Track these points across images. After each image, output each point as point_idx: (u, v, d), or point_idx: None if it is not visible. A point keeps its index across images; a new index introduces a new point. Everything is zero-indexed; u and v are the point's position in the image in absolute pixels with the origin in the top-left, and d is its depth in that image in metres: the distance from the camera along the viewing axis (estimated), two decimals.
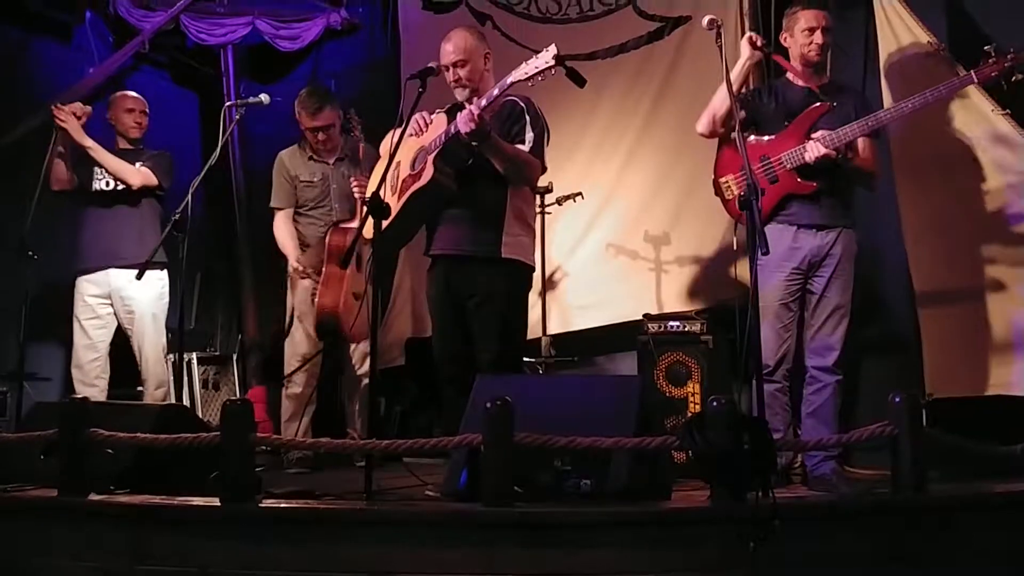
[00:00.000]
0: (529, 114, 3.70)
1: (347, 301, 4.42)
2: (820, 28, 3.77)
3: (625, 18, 5.34)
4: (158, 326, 4.85)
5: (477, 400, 3.06)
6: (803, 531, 2.66)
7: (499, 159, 3.58)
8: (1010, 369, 4.04)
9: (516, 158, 3.63)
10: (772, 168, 3.78)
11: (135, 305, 4.77)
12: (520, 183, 3.71)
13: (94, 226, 4.83)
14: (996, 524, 2.81)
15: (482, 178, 3.67)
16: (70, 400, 3.12)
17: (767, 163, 3.78)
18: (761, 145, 3.83)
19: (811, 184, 3.72)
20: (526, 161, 3.66)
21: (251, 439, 2.93)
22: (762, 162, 3.79)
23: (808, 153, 3.68)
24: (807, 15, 3.79)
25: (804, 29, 3.79)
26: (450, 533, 2.69)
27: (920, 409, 2.87)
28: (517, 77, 3.39)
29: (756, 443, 2.65)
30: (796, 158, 3.72)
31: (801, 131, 3.75)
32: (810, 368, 3.78)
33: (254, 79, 6.25)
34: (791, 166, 3.74)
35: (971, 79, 3.70)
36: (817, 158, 3.66)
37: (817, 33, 3.77)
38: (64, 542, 2.95)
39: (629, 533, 2.66)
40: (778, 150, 3.77)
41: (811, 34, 3.78)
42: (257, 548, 2.77)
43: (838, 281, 3.75)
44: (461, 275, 3.71)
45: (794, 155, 3.73)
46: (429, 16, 5.68)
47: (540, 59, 3.35)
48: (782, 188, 3.76)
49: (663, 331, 4.39)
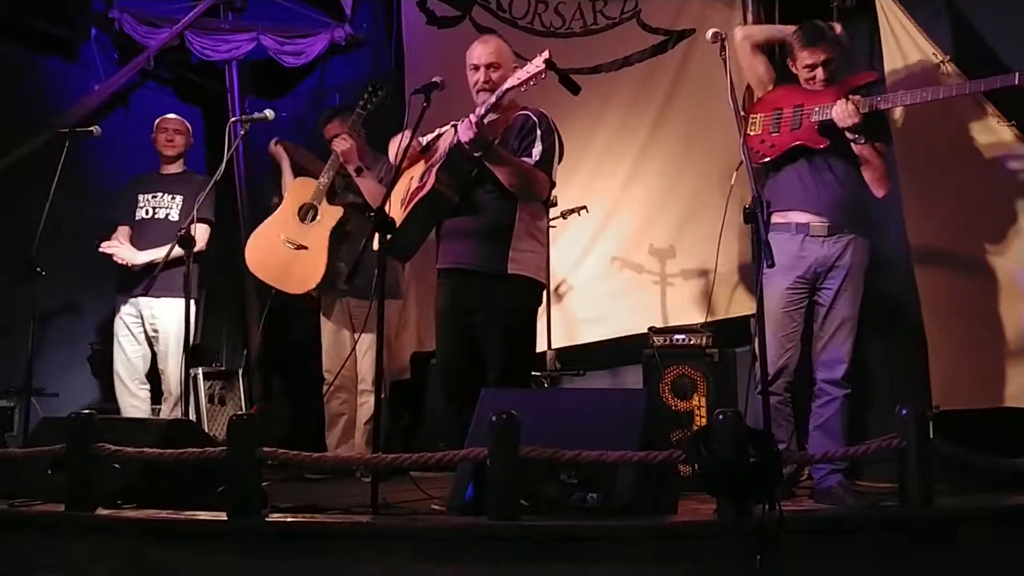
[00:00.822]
0: (541, 128, 3.67)
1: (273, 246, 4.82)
2: (820, 64, 3.80)
3: (629, 32, 5.36)
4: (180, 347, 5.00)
5: (483, 413, 3.06)
6: (809, 545, 2.65)
7: (502, 170, 3.56)
8: (1018, 382, 4.01)
9: (520, 170, 3.60)
10: (800, 115, 3.80)
11: (160, 326, 5.05)
12: (527, 197, 3.67)
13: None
14: (1004, 537, 2.79)
15: (490, 192, 3.64)
16: (77, 415, 3.12)
17: (798, 110, 3.82)
18: (802, 93, 3.86)
19: (823, 140, 3.74)
20: (530, 173, 3.61)
21: (257, 454, 2.93)
22: (794, 109, 3.83)
23: (836, 110, 3.69)
24: (803, 55, 3.84)
25: (804, 66, 3.84)
26: (456, 547, 2.68)
27: (927, 422, 2.86)
28: (510, 84, 3.40)
29: (762, 456, 2.64)
30: (824, 112, 3.75)
31: (842, 91, 3.76)
32: (819, 381, 3.77)
33: (259, 95, 6.29)
34: (816, 119, 3.76)
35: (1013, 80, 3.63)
36: (842, 115, 3.67)
37: (818, 70, 3.81)
38: (71, 556, 2.95)
39: (635, 547, 2.64)
40: (813, 101, 3.80)
41: (812, 70, 3.83)
42: (263, 563, 2.77)
43: (847, 293, 3.74)
44: (467, 290, 3.68)
45: (824, 110, 3.75)
46: (433, 31, 5.71)
47: (532, 65, 3.36)
48: (798, 136, 3.79)
49: (668, 344, 4.38)
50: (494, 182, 3.62)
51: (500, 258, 3.64)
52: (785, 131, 3.80)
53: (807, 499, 3.69)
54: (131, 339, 5.08)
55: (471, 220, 3.66)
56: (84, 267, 5.58)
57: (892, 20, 4.34)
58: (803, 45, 3.84)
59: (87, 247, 5.53)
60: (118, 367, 5.09)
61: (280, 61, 6.12)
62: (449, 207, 3.64)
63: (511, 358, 3.63)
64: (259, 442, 2.94)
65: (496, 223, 3.65)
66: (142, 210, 5.12)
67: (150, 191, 5.16)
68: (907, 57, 4.28)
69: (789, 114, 3.83)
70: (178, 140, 5.18)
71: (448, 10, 5.76)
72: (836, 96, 3.75)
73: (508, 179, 3.57)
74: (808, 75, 3.84)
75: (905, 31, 4.29)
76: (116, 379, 5.10)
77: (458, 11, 5.73)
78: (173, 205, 5.12)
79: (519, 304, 3.70)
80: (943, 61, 4.16)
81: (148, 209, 5.12)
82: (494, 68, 3.70)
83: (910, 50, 4.27)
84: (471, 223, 3.66)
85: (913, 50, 4.26)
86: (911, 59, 4.27)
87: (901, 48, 4.31)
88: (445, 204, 3.63)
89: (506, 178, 3.57)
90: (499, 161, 3.55)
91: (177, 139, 5.18)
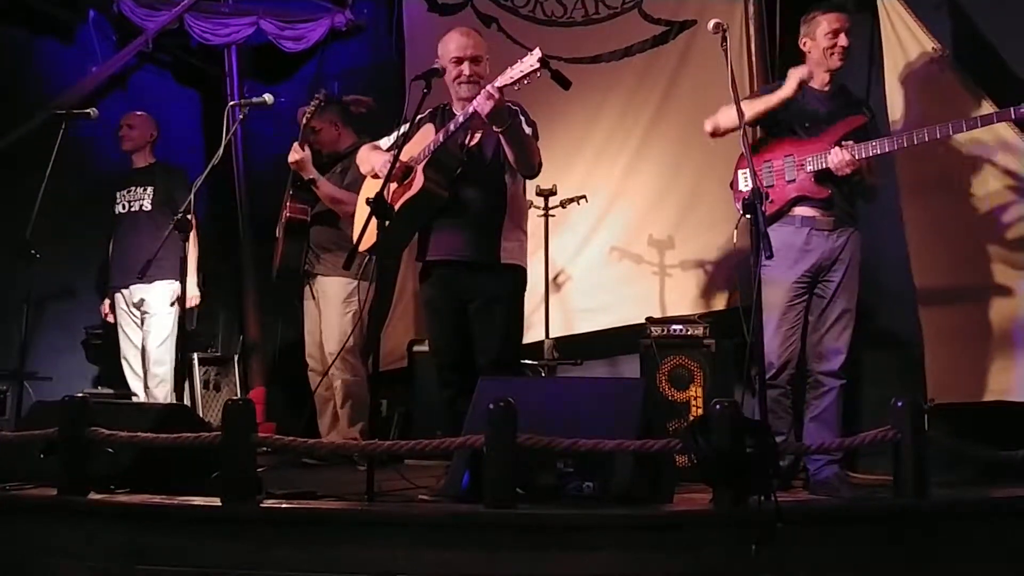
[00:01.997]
0: (524, 115, 3.69)
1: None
2: (844, 30, 3.75)
3: (630, 22, 5.35)
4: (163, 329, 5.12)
5: (480, 401, 3.05)
6: (805, 535, 2.65)
7: (517, 142, 3.53)
8: (1011, 375, 4.02)
9: (531, 143, 3.61)
10: (794, 167, 3.77)
11: (149, 308, 5.15)
12: (529, 172, 3.67)
13: (119, 245, 5.24)
14: (997, 529, 2.80)
15: (478, 185, 3.65)
16: (70, 399, 3.11)
17: (790, 161, 3.77)
18: (790, 143, 3.81)
19: (825, 190, 3.71)
20: (533, 145, 3.63)
21: (252, 439, 2.92)
22: (785, 160, 3.78)
23: (831, 158, 3.66)
24: (828, 18, 3.76)
25: (827, 32, 3.75)
26: (452, 534, 2.68)
27: (923, 414, 2.86)
28: (503, 81, 3.37)
29: (758, 447, 2.64)
30: (819, 162, 3.71)
31: (833, 138, 3.72)
32: (815, 372, 3.77)
33: (258, 79, 6.27)
34: (812, 169, 3.73)
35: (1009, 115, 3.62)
36: (838, 164, 3.65)
37: (841, 36, 3.74)
38: (64, 541, 2.93)
39: (631, 536, 2.65)
40: (804, 152, 3.76)
41: (835, 36, 3.75)
42: (257, 548, 2.76)
43: (846, 286, 3.74)
44: (460, 280, 3.69)
45: (818, 159, 3.71)
46: (434, 18, 5.69)
47: (525, 63, 3.33)
48: (797, 188, 3.75)
49: (666, 335, 4.39)
50: (480, 175, 3.62)
51: (491, 249, 3.66)
52: (780, 184, 3.75)
53: (803, 490, 3.70)
54: (133, 327, 5.21)
55: (460, 213, 3.66)
56: (79, 250, 5.58)
57: (893, 15, 4.33)
58: (827, 9, 3.78)
59: (82, 230, 5.54)
60: (126, 354, 5.24)
61: (280, 46, 6.09)
62: (439, 204, 3.63)
63: (505, 344, 3.66)
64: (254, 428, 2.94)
65: (485, 215, 3.66)
66: (119, 206, 5.28)
67: (123, 187, 5.29)
68: (908, 53, 4.27)
69: (780, 165, 3.78)
70: (132, 135, 5.29)
71: None
72: (826, 144, 3.71)
73: (519, 153, 3.55)
74: (830, 43, 3.74)
75: (906, 26, 4.28)
76: (125, 365, 5.25)
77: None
78: (145, 196, 5.21)
79: (513, 292, 3.73)
80: (943, 55, 4.15)
81: (124, 204, 5.26)
82: (476, 61, 3.70)
83: (911, 46, 4.27)
84: (460, 216, 3.66)
85: (913, 45, 4.25)
86: (912, 55, 4.26)
87: (901, 42, 4.30)
88: (436, 202, 3.62)
89: (518, 152, 3.54)
90: (518, 132, 3.52)
91: (130, 134, 5.29)
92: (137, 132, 5.29)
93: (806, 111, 3.80)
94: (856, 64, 4.63)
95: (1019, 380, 4.01)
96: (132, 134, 5.29)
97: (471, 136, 3.64)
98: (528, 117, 3.69)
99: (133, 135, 5.29)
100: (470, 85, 3.66)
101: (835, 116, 3.77)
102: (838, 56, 3.77)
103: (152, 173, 5.26)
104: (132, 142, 5.29)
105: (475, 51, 3.70)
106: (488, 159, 3.68)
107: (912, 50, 4.25)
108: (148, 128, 5.32)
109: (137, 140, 5.29)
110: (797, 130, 3.80)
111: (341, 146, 5.05)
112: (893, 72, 4.30)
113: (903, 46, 4.29)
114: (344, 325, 4.81)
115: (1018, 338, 4.03)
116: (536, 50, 3.31)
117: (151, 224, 5.05)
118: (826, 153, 3.69)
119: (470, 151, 3.65)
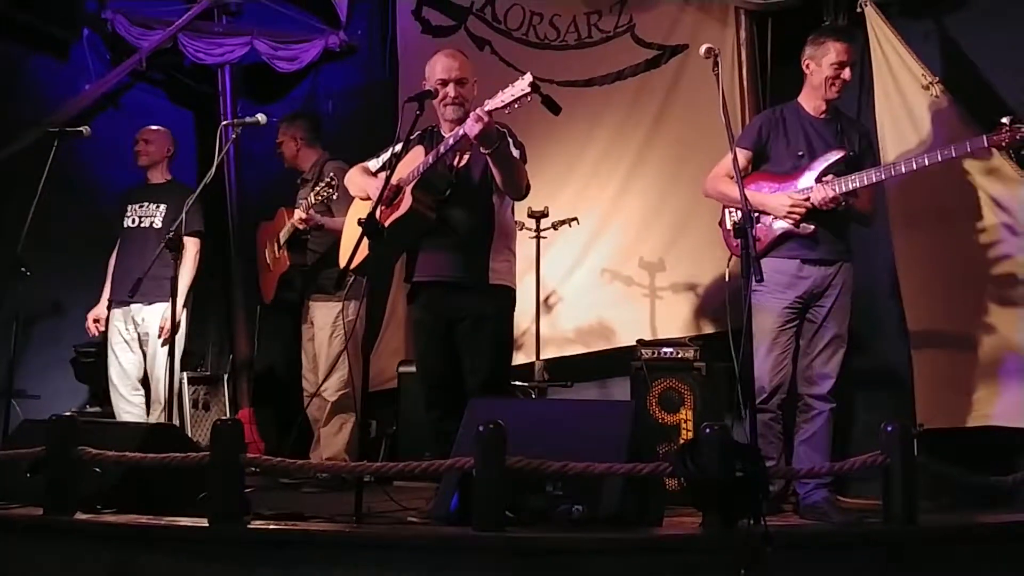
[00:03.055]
0: (511, 137, 3.69)
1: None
2: (850, 64, 3.75)
3: (623, 46, 5.37)
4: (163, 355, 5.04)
5: (470, 423, 3.05)
6: (794, 559, 2.65)
7: (505, 165, 3.53)
8: (1001, 400, 4.03)
9: (519, 166, 3.61)
10: None
11: (150, 331, 5.05)
12: (516, 194, 3.67)
13: (124, 260, 5.10)
14: (986, 555, 2.80)
15: (465, 206, 3.65)
16: (58, 418, 3.09)
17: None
18: (774, 180, 3.82)
19: (809, 227, 3.72)
20: (522, 170, 3.64)
21: (240, 459, 2.91)
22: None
23: (814, 196, 3.68)
24: (838, 48, 3.74)
25: (834, 63, 3.74)
26: (440, 557, 2.67)
27: (912, 439, 2.86)
28: (494, 105, 3.38)
29: (748, 471, 2.64)
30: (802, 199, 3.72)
31: (815, 173, 3.73)
32: (805, 396, 3.77)
33: (251, 99, 6.28)
34: None
35: (982, 143, 3.63)
36: (821, 201, 3.67)
37: (846, 70, 3.75)
38: (49, 561, 2.92)
39: (620, 560, 2.64)
40: (787, 188, 3.77)
41: (840, 68, 3.74)
42: (245, 569, 2.75)
43: (837, 312, 3.75)
44: (448, 301, 3.67)
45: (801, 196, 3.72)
46: (428, 40, 5.72)
47: (516, 87, 3.34)
48: (783, 227, 3.75)
49: (657, 357, 4.39)
50: (468, 197, 3.63)
51: (480, 269, 3.65)
52: (767, 221, 3.76)
53: (792, 514, 3.69)
54: (124, 346, 5.09)
55: (448, 234, 3.66)
56: (69, 268, 5.56)
57: (883, 41, 4.36)
58: (838, 38, 3.76)
59: (73, 247, 5.52)
60: (112, 375, 5.10)
61: (273, 66, 6.10)
62: (427, 226, 3.63)
63: (494, 365, 3.65)
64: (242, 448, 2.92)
65: (473, 236, 3.66)
66: (129, 219, 5.16)
67: (137, 201, 5.20)
68: (897, 79, 4.30)
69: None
70: (148, 150, 5.20)
71: (443, 19, 5.77)
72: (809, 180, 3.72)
73: (507, 175, 3.55)
74: (834, 73, 3.74)
75: (895, 52, 4.31)
76: (111, 387, 5.11)
77: (453, 21, 5.74)
78: (157, 213, 5.14)
79: (501, 312, 3.72)
80: (932, 83, 4.18)
81: (135, 218, 5.16)
82: (462, 83, 3.71)
83: (900, 71, 4.30)
84: (448, 237, 3.66)
85: (903, 71, 4.28)
86: (901, 80, 4.29)
87: (891, 69, 4.33)
88: (423, 223, 3.62)
89: (505, 175, 3.55)
90: (506, 155, 3.53)
91: (147, 149, 5.20)
92: (154, 147, 5.20)
93: (800, 139, 3.82)
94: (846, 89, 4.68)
95: (1007, 406, 4.02)
96: (149, 149, 5.19)
97: (459, 158, 3.65)
98: (516, 139, 3.70)
99: (150, 150, 5.19)
100: (455, 107, 3.67)
101: (826, 145, 3.79)
102: (838, 88, 3.79)
103: (168, 191, 5.14)
104: (148, 157, 5.19)
105: (460, 73, 3.71)
106: (476, 181, 3.68)
107: (902, 76, 4.28)
108: (165, 143, 5.24)
109: (154, 155, 5.19)
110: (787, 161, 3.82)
111: (301, 162, 5.13)
112: (884, 99, 4.33)
113: (893, 73, 4.31)
114: (334, 348, 4.84)
115: (1006, 365, 4.05)
116: (528, 74, 3.32)
117: (158, 243, 4.87)
118: (808, 190, 3.71)
119: (458, 173, 3.65)
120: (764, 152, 3.89)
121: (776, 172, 3.84)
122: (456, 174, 3.64)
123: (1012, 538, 2.86)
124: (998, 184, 4.08)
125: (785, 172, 3.82)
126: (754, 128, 3.95)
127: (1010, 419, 3.98)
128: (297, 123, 5.17)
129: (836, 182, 3.68)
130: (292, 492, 4.56)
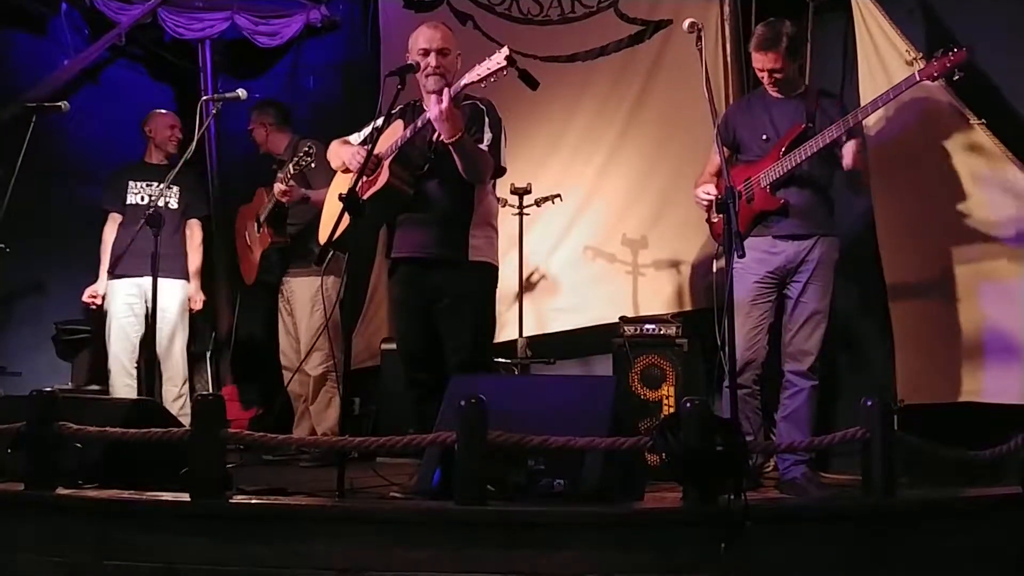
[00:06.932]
0: (489, 116, 3.67)
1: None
2: (767, 71, 3.84)
3: (606, 21, 5.35)
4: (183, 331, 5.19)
5: (451, 399, 3.05)
6: (773, 533, 2.67)
7: (466, 158, 3.52)
8: (980, 376, 4.07)
9: (479, 157, 3.59)
10: (751, 188, 3.84)
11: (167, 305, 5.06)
12: (475, 181, 3.64)
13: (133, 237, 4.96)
14: (964, 529, 2.83)
15: (445, 181, 3.62)
16: (38, 393, 3.08)
17: (748, 184, 3.85)
18: (746, 167, 3.90)
19: (778, 200, 3.78)
20: (484, 160, 3.61)
21: (222, 435, 2.90)
22: (744, 184, 3.84)
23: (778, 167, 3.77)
24: (756, 58, 3.87)
25: (760, 70, 3.88)
26: (422, 531, 2.67)
27: (892, 414, 2.89)
28: (470, 79, 3.37)
29: (728, 445, 2.66)
30: (769, 175, 3.81)
31: (778, 150, 3.81)
32: (786, 372, 3.80)
33: (232, 74, 6.23)
34: (765, 183, 3.80)
35: (914, 79, 3.71)
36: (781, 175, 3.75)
37: (764, 75, 3.86)
38: (30, 537, 2.91)
39: (601, 533, 2.66)
40: (757, 171, 3.84)
41: (760, 73, 3.89)
42: (226, 544, 2.75)
43: (814, 286, 3.78)
44: (427, 278, 3.66)
45: (768, 174, 3.81)
46: (410, 14, 5.67)
47: (492, 61, 3.33)
48: (757, 206, 3.83)
49: (639, 334, 4.41)
50: (447, 172, 3.60)
51: (460, 246, 3.63)
52: (743, 207, 3.81)
53: (772, 489, 3.72)
54: (133, 320, 5.09)
55: (427, 209, 3.64)
56: (50, 245, 5.52)
57: (867, 17, 4.35)
58: (754, 47, 3.87)
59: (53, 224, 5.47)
60: (117, 349, 5.08)
61: (254, 41, 6.05)
62: (404, 201, 3.62)
63: (476, 343, 3.64)
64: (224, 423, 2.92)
65: (453, 212, 3.64)
66: (137, 196, 5.17)
67: (143, 179, 5.20)
68: (881, 55, 4.29)
69: (742, 190, 3.84)
70: (178, 135, 5.28)
71: None
72: (772, 158, 3.82)
73: (467, 165, 3.54)
74: (763, 76, 3.89)
75: (880, 28, 4.30)
76: (114, 361, 5.08)
77: None
78: (171, 194, 5.17)
79: (483, 289, 3.71)
80: (916, 59, 4.18)
81: (143, 196, 5.16)
82: (445, 54, 3.68)
83: (884, 47, 4.28)
84: (427, 212, 3.64)
85: (887, 47, 4.27)
86: (885, 56, 4.28)
87: (875, 45, 4.31)
88: (400, 198, 3.61)
89: (465, 164, 3.54)
90: (466, 150, 3.52)
91: (177, 134, 5.27)
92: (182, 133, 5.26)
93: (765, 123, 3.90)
94: (831, 65, 4.69)
95: (987, 382, 4.06)
96: (178, 134, 5.27)
97: (438, 133, 3.63)
98: (495, 116, 3.68)
99: (180, 135, 5.27)
100: (436, 78, 3.63)
101: (790, 122, 3.85)
102: (770, 84, 3.89)
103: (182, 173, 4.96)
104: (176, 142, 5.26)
105: (442, 43, 3.68)
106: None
107: (886, 52, 4.28)
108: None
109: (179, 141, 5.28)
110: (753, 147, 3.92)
111: (273, 147, 5.17)
112: (868, 75, 4.33)
113: (877, 48, 4.31)
114: (314, 323, 4.84)
115: (986, 341, 4.07)
116: (504, 48, 3.31)
117: (172, 223, 5.03)
118: (773, 167, 3.78)
119: (436, 148, 3.62)
120: (736, 143, 3.98)
121: (747, 160, 3.93)
122: (434, 149, 3.61)
123: (989, 510, 2.89)
124: (979, 159, 4.09)
125: (754, 158, 3.90)
126: (722, 123, 4.00)
127: (990, 395, 4.02)
128: (266, 110, 5.21)
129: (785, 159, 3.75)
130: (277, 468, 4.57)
